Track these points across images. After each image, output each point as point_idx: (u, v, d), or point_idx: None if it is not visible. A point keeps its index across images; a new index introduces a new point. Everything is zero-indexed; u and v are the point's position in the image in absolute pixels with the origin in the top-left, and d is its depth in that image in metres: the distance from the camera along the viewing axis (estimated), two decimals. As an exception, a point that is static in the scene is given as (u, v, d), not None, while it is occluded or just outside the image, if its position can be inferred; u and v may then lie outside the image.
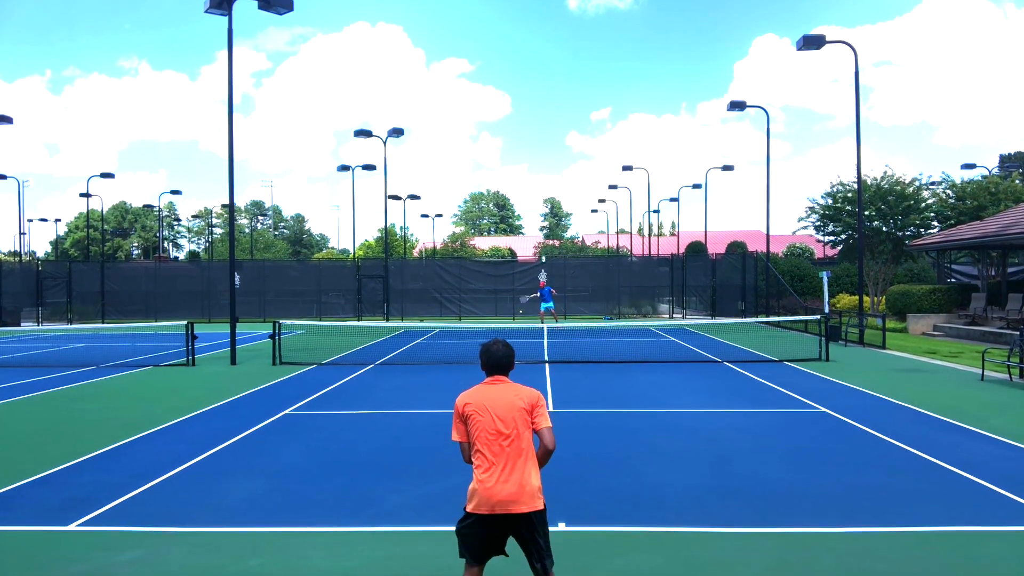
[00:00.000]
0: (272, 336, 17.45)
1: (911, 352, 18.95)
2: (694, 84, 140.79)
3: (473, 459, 4.16)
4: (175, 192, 53.56)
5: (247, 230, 78.83)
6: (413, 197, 52.68)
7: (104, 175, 45.60)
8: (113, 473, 7.78)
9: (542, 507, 4.06)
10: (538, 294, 28.45)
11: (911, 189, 31.02)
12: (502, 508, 3.97)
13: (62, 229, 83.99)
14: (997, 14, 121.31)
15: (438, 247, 64.03)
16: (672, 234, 69.39)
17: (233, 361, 17.59)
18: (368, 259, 45.54)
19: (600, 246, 67.08)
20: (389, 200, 42.13)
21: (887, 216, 30.75)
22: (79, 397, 12.97)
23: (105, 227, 79.84)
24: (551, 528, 5.98)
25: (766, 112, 31.69)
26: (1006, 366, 14.09)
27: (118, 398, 12.84)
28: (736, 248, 49.57)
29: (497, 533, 4.08)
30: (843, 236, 32.13)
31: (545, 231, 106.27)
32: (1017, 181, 33.87)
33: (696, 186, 48.74)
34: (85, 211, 58.02)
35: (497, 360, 4.35)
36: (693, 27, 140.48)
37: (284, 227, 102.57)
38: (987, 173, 36.81)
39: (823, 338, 17.52)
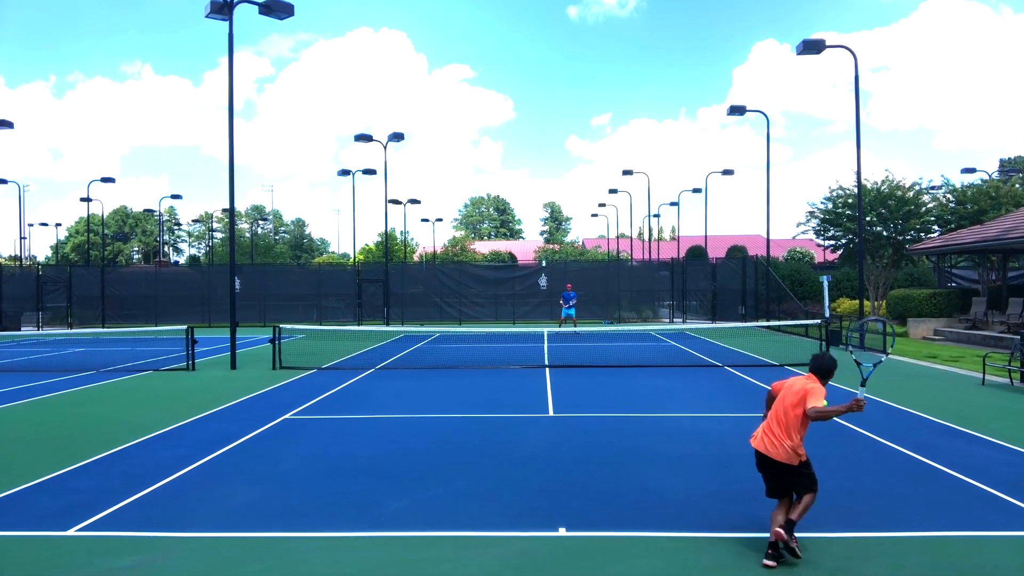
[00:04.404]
0: (272, 340, 17.44)
1: (912, 356, 18.93)
2: (694, 89, 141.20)
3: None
4: (175, 196, 53.61)
5: (248, 234, 78.85)
6: (414, 201, 52.77)
7: (105, 179, 45.72)
8: (113, 478, 7.78)
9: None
10: (561, 300, 28.28)
11: (911, 193, 31.00)
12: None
13: (62, 234, 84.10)
14: (995, 19, 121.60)
15: (438, 251, 64.04)
16: (672, 238, 69.40)
17: (233, 366, 17.58)
18: (368, 263, 45.53)
19: (601, 250, 67.10)
20: (390, 204, 42.19)
21: (887, 220, 30.71)
22: (79, 402, 12.97)
23: (106, 231, 79.90)
24: (551, 533, 5.99)
25: (766, 117, 31.75)
26: (1007, 370, 14.08)
27: (118, 403, 12.83)
28: (736, 252, 49.63)
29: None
30: (843, 240, 32.09)
31: (545, 235, 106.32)
32: (1017, 185, 33.82)
33: (696, 190, 48.78)
34: (86, 215, 58.07)
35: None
36: (693, 33, 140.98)
37: (284, 231, 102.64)
38: (987, 177, 36.81)
39: (823, 342, 17.51)
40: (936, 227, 31.77)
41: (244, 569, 5.33)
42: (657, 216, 60.98)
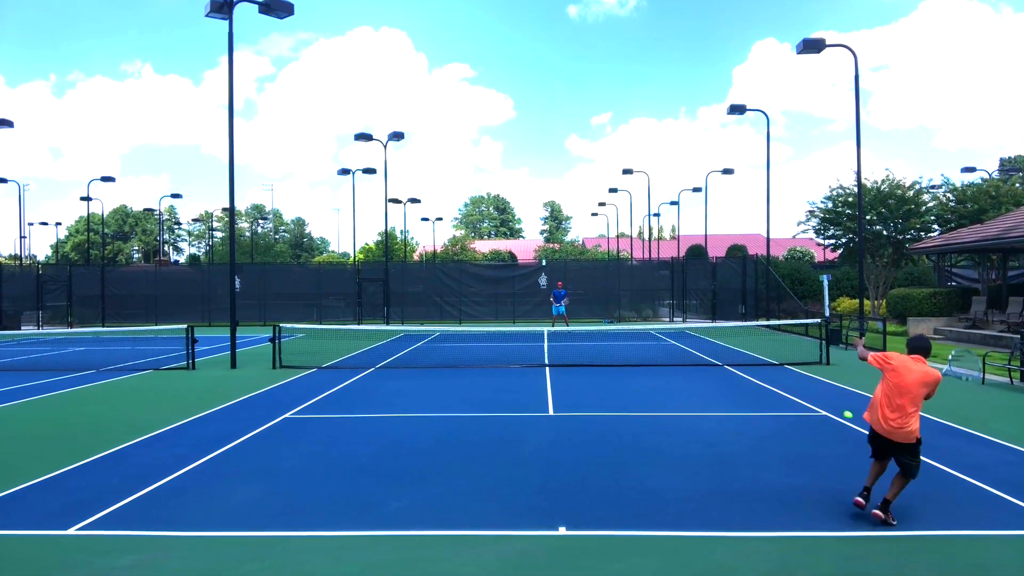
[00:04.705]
0: (272, 340, 17.44)
1: (912, 355, 18.90)
2: (694, 88, 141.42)
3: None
4: (175, 196, 53.62)
5: (248, 234, 78.85)
6: (413, 201, 52.76)
7: (104, 179, 45.69)
8: (113, 477, 7.78)
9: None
10: (552, 297, 28.48)
11: (911, 192, 30.99)
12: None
13: (62, 233, 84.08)
14: (995, 18, 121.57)
15: (438, 250, 64.06)
16: (672, 237, 69.41)
17: (233, 365, 17.59)
18: (368, 262, 45.52)
19: (601, 249, 67.11)
20: (390, 204, 42.19)
21: (887, 219, 30.72)
22: (79, 401, 12.97)
23: (106, 231, 79.90)
24: (551, 532, 6.00)
25: (766, 116, 31.73)
26: (1007, 370, 14.08)
27: (118, 402, 12.83)
28: (736, 251, 49.62)
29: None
30: (843, 239, 32.10)
31: (545, 234, 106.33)
32: (1017, 184, 33.81)
33: (696, 190, 48.78)
34: (86, 215, 58.07)
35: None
36: (693, 32, 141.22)
37: (284, 230, 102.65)
38: (987, 176, 36.80)
39: (823, 341, 17.51)
40: (936, 226, 31.77)
41: (244, 568, 5.34)
42: (657, 215, 61.01)
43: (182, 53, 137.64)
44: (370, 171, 41.55)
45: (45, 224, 69.16)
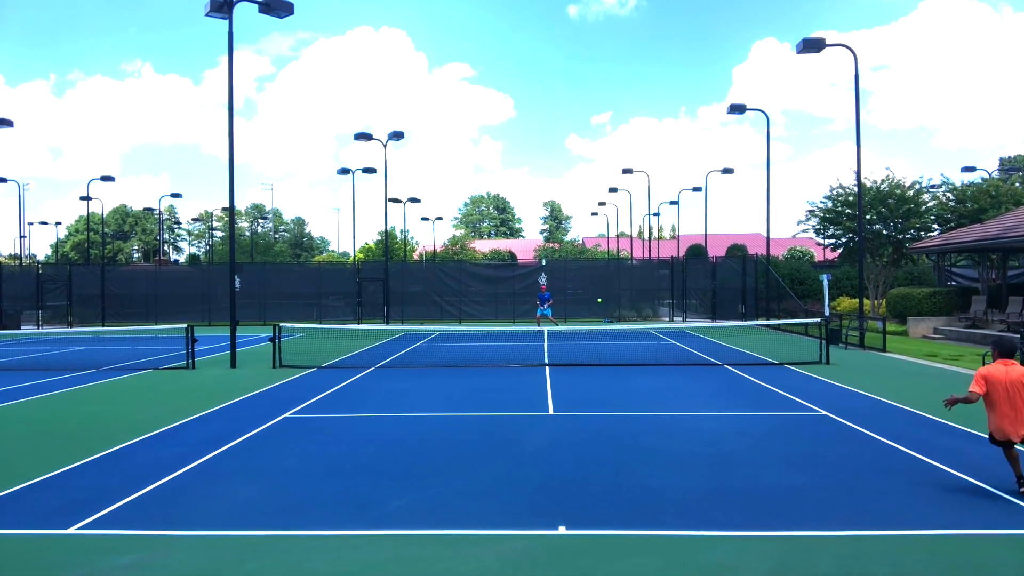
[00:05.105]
0: (272, 339, 17.44)
1: (911, 355, 18.93)
2: (694, 88, 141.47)
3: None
4: (175, 195, 53.66)
5: (248, 233, 78.83)
6: (413, 200, 52.76)
7: (104, 178, 45.70)
8: (113, 476, 7.78)
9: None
10: (537, 300, 28.66)
11: (911, 192, 30.99)
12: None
13: (62, 232, 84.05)
14: (995, 18, 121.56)
15: (438, 250, 64.05)
16: (672, 237, 69.40)
17: (233, 364, 17.59)
18: (368, 262, 45.52)
19: (601, 249, 67.11)
20: (389, 203, 42.17)
21: (887, 219, 30.72)
22: (79, 400, 12.97)
23: (106, 230, 79.88)
24: (551, 531, 6.00)
25: (766, 115, 31.72)
26: (1006, 369, 14.05)
27: (118, 401, 12.83)
28: (736, 251, 49.63)
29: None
30: (843, 239, 32.10)
31: (545, 234, 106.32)
32: (1017, 184, 33.81)
33: (696, 189, 48.81)
34: (86, 214, 58.06)
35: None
36: (693, 32, 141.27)
37: (284, 230, 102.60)
38: (987, 176, 36.80)
39: (823, 341, 17.51)
40: (936, 226, 31.77)
41: (244, 567, 5.34)
42: (657, 215, 61.02)
43: (182, 53, 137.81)
44: (370, 171, 41.55)
45: (45, 224, 69.25)
